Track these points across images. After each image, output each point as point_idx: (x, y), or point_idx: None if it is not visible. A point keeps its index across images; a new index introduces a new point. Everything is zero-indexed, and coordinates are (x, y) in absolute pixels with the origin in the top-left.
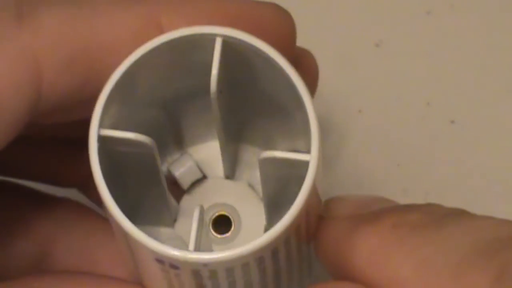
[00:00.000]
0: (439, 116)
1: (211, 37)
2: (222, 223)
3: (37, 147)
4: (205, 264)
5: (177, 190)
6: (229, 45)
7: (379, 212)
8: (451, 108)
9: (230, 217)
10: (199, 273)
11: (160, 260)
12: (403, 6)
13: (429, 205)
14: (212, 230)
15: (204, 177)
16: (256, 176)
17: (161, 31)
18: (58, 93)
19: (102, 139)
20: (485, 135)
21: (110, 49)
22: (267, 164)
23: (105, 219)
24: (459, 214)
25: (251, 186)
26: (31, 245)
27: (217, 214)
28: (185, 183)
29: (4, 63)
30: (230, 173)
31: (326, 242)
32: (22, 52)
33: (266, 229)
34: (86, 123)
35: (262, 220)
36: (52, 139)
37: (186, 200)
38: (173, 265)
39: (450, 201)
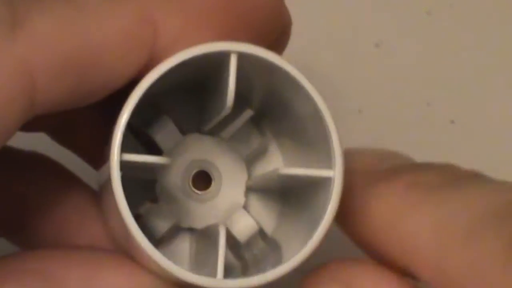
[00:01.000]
0: (439, 116)
1: (225, 54)
2: (203, 179)
3: None
4: None
5: (157, 150)
6: (243, 58)
7: (394, 170)
8: (451, 108)
9: (210, 173)
10: None
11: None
12: (403, 6)
13: (445, 165)
14: (192, 187)
15: (182, 133)
16: (238, 134)
17: (155, 28)
18: (51, 99)
19: (123, 164)
20: (485, 135)
21: (103, 49)
22: (282, 178)
23: (76, 177)
24: (475, 176)
25: (231, 143)
26: (6, 206)
27: (196, 170)
28: (165, 146)
29: None
30: (210, 129)
31: (343, 194)
32: (16, 64)
33: (248, 185)
34: None
35: (244, 175)
36: None
37: (166, 158)
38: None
39: None
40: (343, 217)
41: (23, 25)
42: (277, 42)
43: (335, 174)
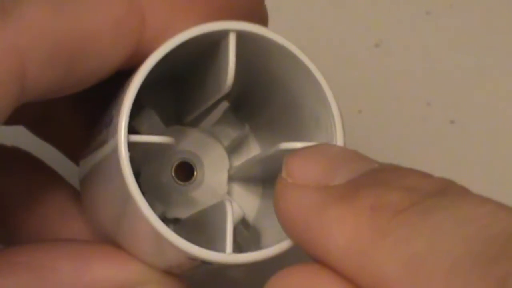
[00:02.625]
0: (439, 116)
1: (224, 32)
2: (185, 170)
3: None
4: (241, 265)
5: None
6: (242, 37)
7: (353, 186)
8: (451, 108)
9: (192, 163)
10: (230, 267)
11: (194, 258)
12: (403, 6)
13: (409, 174)
14: (175, 178)
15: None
16: (220, 125)
17: (143, 17)
18: (41, 85)
19: (130, 145)
20: (485, 135)
21: (92, 37)
22: (277, 156)
23: (56, 173)
24: (446, 193)
25: (213, 135)
26: None
27: (179, 161)
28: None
29: None
30: (191, 120)
31: (292, 215)
32: (6, 49)
33: (230, 174)
34: None
35: (225, 166)
36: None
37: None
38: (207, 262)
39: None
40: (298, 240)
41: (12, 12)
42: None
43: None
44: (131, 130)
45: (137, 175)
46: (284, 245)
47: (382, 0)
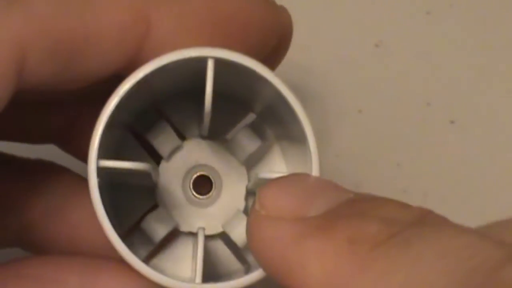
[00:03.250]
0: (439, 116)
1: (203, 58)
2: (203, 184)
3: (14, 104)
4: None
5: (157, 155)
6: (221, 62)
7: (331, 218)
8: (451, 108)
9: (211, 177)
10: None
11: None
12: (403, 6)
13: (386, 204)
14: (193, 191)
15: (182, 138)
16: (236, 139)
17: (148, 27)
18: (38, 77)
19: (101, 170)
20: (485, 135)
21: (95, 40)
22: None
23: (81, 177)
24: (425, 223)
25: (229, 148)
26: (10, 215)
27: (197, 175)
28: (164, 151)
29: None
30: (209, 133)
31: (267, 248)
32: (9, 37)
33: (248, 189)
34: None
35: (244, 180)
36: (27, 100)
37: (165, 162)
38: None
39: (449, 201)
40: (273, 273)
41: (21, 2)
42: (275, 51)
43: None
44: (146, 145)
45: (153, 187)
46: (255, 276)
47: (382, 0)
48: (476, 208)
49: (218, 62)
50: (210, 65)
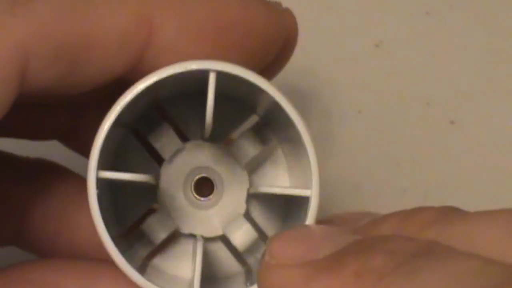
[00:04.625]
0: (439, 116)
1: (205, 71)
2: (204, 186)
3: (17, 104)
4: None
5: (159, 157)
6: (223, 76)
7: (337, 256)
8: (451, 108)
9: (212, 180)
10: None
11: None
12: (403, 6)
13: (392, 239)
14: (194, 193)
15: (184, 140)
16: (238, 143)
17: (151, 31)
18: (42, 81)
19: (100, 181)
20: (485, 135)
21: (98, 44)
22: (263, 196)
23: (82, 178)
24: (431, 253)
25: (232, 151)
26: (9, 214)
27: (198, 177)
28: (166, 154)
29: None
30: (212, 135)
31: None
32: (13, 41)
33: (251, 192)
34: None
35: (245, 184)
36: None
37: (167, 164)
38: None
39: (449, 201)
40: None
41: (24, 5)
42: (280, 54)
43: (312, 193)
44: (148, 146)
45: (155, 187)
46: None
47: (382, 0)
48: (476, 208)
49: (220, 74)
50: (212, 78)
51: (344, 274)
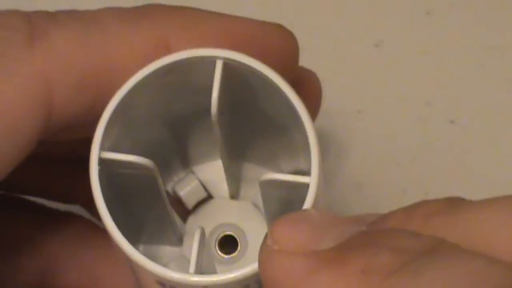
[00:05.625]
0: (439, 116)
1: (212, 60)
2: (228, 243)
3: (42, 165)
4: (206, 287)
5: (183, 209)
6: (229, 67)
7: (343, 250)
8: (451, 108)
9: (236, 237)
10: None
11: (161, 282)
12: (403, 6)
13: (398, 235)
14: (218, 251)
15: (209, 197)
16: (260, 196)
17: (169, 53)
18: (68, 114)
19: (103, 162)
20: (485, 135)
21: (120, 70)
22: (268, 186)
23: (107, 234)
24: (437, 251)
25: (256, 205)
26: (34, 261)
27: (223, 234)
28: (190, 202)
29: (17, 86)
30: (235, 193)
31: (280, 282)
32: (35, 76)
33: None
34: (89, 142)
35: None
36: (57, 158)
37: (191, 220)
38: (174, 287)
39: None
40: None
41: (41, 40)
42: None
43: (312, 178)
44: (174, 194)
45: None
46: (248, 270)
47: (382, 0)
48: None
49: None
50: (219, 66)
51: (349, 270)
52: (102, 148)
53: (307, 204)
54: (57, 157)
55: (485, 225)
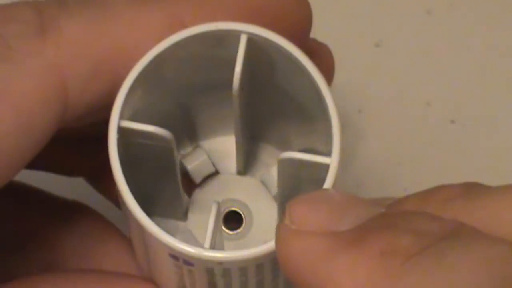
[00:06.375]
0: (439, 116)
1: (236, 34)
2: (233, 219)
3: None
4: (220, 263)
5: (189, 183)
6: (253, 42)
7: (362, 231)
8: (451, 108)
9: (241, 213)
10: (213, 271)
11: (175, 256)
12: (403, 6)
13: (418, 218)
14: (223, 226)
15: (216, 172)
16: (269, 174)
17: (184, 29)
18: (85, 102)
19: (121, 131)
20: (485, 135)
21: (135, 53)
22: (285, 164)
23: (113, 225)
24: (458, 235)
25: (263, 183)
26: (40, 249)
27: (228, 210)
28: (197, 177)
29: (31, 79)
30: (243, 169)
31: (297, 262)
32: (48, 67)
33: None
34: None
35: (274, 217)
36: (64, 135)
37: (197, 194)
38: (188, 261)
39: None
40: (301, 279)
41: (52, 29)
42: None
43: (333, 157)
44: (181, 167)
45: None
46: (265, 248)
47: (382, 0)
48: None
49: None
50: (243, 41)
51: (369, 252)
52: (122, 117)
53: (327, 184)
54: (65, 135)
55: (505, 212)
